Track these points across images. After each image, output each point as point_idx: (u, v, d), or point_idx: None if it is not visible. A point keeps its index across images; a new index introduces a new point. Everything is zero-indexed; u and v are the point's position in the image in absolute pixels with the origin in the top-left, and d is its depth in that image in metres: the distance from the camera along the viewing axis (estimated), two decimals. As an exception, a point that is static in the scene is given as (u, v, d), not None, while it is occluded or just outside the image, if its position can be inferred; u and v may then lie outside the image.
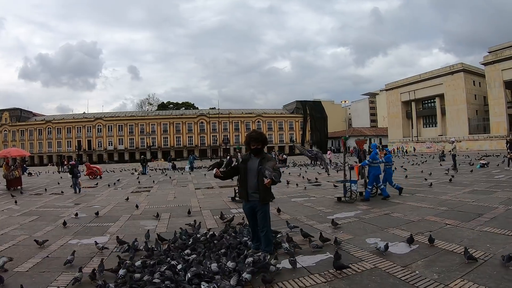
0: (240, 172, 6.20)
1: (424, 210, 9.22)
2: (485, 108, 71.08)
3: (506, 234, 6.49)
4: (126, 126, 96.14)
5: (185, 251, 6.09)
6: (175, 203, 13.02)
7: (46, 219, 10.24)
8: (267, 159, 6.04)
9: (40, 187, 21.74)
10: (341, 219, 8.54)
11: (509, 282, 4.27)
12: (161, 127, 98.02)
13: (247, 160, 6.12)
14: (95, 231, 8.30)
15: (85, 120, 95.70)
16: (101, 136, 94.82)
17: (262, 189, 5.86)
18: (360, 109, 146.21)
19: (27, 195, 17.32)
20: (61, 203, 13.86)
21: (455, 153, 22.71)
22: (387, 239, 6.34)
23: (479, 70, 71.95)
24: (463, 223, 7.53)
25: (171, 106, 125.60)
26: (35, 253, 6.51)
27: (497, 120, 64.47)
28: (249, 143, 6.07)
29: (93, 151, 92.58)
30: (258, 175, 5.85)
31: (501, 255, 4.60)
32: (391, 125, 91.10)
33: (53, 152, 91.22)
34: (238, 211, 10.34)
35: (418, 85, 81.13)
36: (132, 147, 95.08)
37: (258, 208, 5.95)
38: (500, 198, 10.43)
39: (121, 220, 9.78)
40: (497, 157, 32.58)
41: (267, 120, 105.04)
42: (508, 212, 8.40)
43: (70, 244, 7.22)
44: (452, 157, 22.77)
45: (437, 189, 13.49)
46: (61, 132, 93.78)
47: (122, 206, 12.78)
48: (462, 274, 4.66)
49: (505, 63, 62.24)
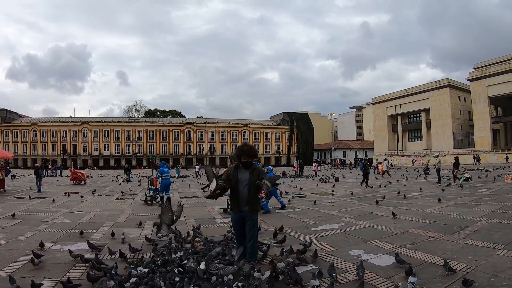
0: (230, 184, 6.09)
1: (408, 222, 9.30)
2: (470, 123, 72.37)
3: (488, 247, 6.59)
4: (112, 131, 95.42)
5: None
6: (159, 211, 12.95)
7: (29, 223, 10.12)
8: (258, 170, 6.19)
9: (23, 191, 21.53)
10: (326, 231, 8.62)
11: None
12: (147, 134, 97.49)
13: (237, 172, 6.10)
14: (78, 238, 8.22)
15: (71, 124, 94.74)
16: (87, 141, 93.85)
17: (253, 200, 5.98)
18: (347, 122, 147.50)
19: (10, 198, 17.20)
20: (45, 207, 13.73)
21: (439, 167, 22.92)
22: (371, 251, 6.43)
23: (465, 86, 73.20)
24: (446, 235, 7.62)
25: (158, 114, 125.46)
26: (17, 257, 6.43)
27: (481, 135, 65.73)
28: (240, 156, 6.08)
29: (78, 155, 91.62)
30: (250, 187, 5.93)
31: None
32: (377, 138, 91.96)
33: (37, 155, 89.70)
34: (223, 221, 10.38)
35: (404, 100, 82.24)
36: (117, 153, 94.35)
37: (247, 218, 6.00)
38: (483, 211, 10.58)
39: (104, 227, 9.69)
40: (480, 171, 32.96)
41: (253, 130, 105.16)
42: (491, 225, 8.54)
43: (53, 249, 7.14)
44: (436, 171, 23.05)
45: (421, 202, 13.65)
46: (47, 135, 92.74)
47: (106, 212, 12.69)
48: (444, 285, 4.73)
49: (490, 79, 63.74)
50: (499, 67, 63.42)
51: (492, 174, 27.73)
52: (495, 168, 38.17)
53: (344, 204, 13.98)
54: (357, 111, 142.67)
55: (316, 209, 12.40)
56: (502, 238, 7.13)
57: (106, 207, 14.32)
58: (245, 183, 5.98)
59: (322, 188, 20.78)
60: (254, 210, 6.08)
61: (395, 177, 29.33)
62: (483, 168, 38.76)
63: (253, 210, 6.07)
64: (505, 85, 61.66)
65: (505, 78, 61.39)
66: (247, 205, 5.97)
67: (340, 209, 12.53)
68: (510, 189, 16.80)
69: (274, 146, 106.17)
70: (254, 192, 5.93)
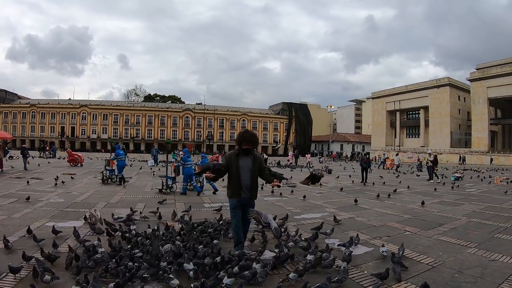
0: (230, 170, 6.08)
1: (389, 216, 9.64)
2: (468, 123, 72.51)
3: (460, 244, 6.87)
4: (111, 115, 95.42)
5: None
6: (151, 194, 13.31)
7: (25, 201, 10.46)
8: (259, 158, 6.28)
9: (21, 171, 21.85)
10: (307, 219, 9.01)
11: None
12: (146, 118, 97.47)
13: (238, 158, 6.09)
14: (71, 216, 8.58)
15: (70, 106, 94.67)
16: (85, 124, 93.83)
17: (255, 187, 6.17)
18: (346, 115, 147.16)
19: (8, 178, 17.48)
20: (41, 188, 14.05)
21: (431, 164, 23.21)
22: (345, 241, 6.60)
23: (465, 86, 73.21)
24: (423, 231, 7.92)
25: (158, 99, 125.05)
26: (12, 232, 6.78)
27: (478, 136, 65.91)
28: (241, 142, 6.08)
29: (76, 138, 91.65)
30: (252, 174, 6.03)
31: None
32: (375, 133, 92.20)
33: (35, 137, 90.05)
34: (210, 206, 10.87)
35: (404, 96, 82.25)
36: (115, 136, 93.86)
37: (248, 205, 6.12)
38: (465, 210, 10.89)
39: (97, 207, 10.00)
40: (474, 171, 33.21)
41: (252, 119, 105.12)
42: (469, 224, 8.82)
43: (47, 226, 7.49)
44: (427, 168, 23.34)
45: (407, 198, 14.00)
46: (45, 117, 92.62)
47: (100, 194, 13.08)
48: (407, 277, 5.02)
49: (491, 80, 63.77)
50: (500, 69, 63.49)
51: (483, 175, 27.99)
52: (488, 169, 38.42)
53: (331, 196, 14.41)
54: (357, 104, 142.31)
55: (302, 199, 12.69)
56: (477, 237, 7.39)
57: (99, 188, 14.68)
58: (247, 170, 6.02)
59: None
60: (255, 197, 6.26)
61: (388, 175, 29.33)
62: (477, 168, 39.00)
63: (254, 197, 6.24)
64: (505, 88, 61.77)
65: (506, 81, 61.52)
66: (249, 191, 6.05)
67: (326, 200, 12.93)
68: (498, 191, 17.01)
69: (272, 135, 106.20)
70: (256, 180, 6.12)
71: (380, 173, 28.22)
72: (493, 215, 10.07)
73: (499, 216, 9.97)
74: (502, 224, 8.75)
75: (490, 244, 6.88)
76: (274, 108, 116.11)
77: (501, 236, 7.56)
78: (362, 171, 21.30)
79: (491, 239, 7.34)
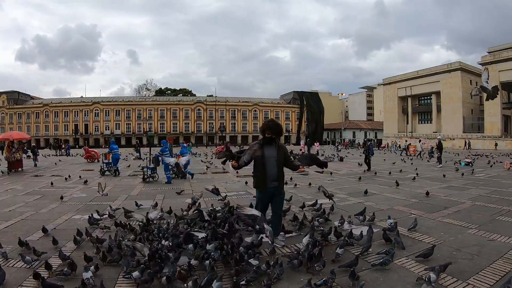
0: (256, 160, 6.07)
1: (396, 201, 10.02)
2: (481, 107, 71.55)
3: (462, 225, 7.21)
4: (123, 111, 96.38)
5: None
6: (169, 187, 13.86)
7: (49, 198, 11.03)
8: (283, 147, 6.31)
9: (39, 169, 22.61)
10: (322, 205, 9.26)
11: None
12: (158, 113, 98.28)
13: (263, 148, 6.08)
14: (96, 209, 9.08)
15: (83, 104, 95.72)
16: (98, 121, 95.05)
17: (282, 175, 6.23)
18: (357, 102, 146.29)
19: (29, 176, 18.13)
20: (62, 184, 14.65)
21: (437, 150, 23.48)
22: (353, 223, 7.21)
23: (477, 70, 72.18)
24: (427, 213, 8.29)
25: (169, 92, 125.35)
26: (41, 226, 7.29)
27: (491, 121, 65.24)
28: (265, 131, 6.07)
29: (90, 135, 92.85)
30: (278, 163, 6.06)
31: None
32: (387, 119, 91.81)
33: (50, 136, 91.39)
34: (227, 195, 11.26)
35: (416, 81, 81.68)
36: (128, 132, 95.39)
37: (277, 193, 6.16)
38: (471, 195, 11.14)
39: (119, 199, 10.68)
40: (486, 156, 33.14)
41: (263, 109, 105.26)
42: (473, 207, 9.11)
43: (74, 219, 8.07)
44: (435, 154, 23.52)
45: (416, 183, 14.33)
46: (59, 115, 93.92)
47: (120, 187, 13.75)
48: (408, 254, 5.47)
49: (503, 64, 62.62)
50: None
51: (494, 161, 27.77)
52: (491, 155, 38.17)
53: (342, 182, 14.92)
54: (368, 91, 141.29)
55: (314, 186, 12.99)
56: (479, 219, 7.69)
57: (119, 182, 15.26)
58: (273, 159, 6.02)
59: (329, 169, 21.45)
60: (282, 185, 6.28)
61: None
62: (490, 154, 38.84)
63: (282, 186, 6.28)
64: (517, 71, 61.08)
65: (517, 64, 60.72)
66: (276, 180, 6.04)
67: (337, 187, 13.40)
68: (507, 176, 17.08)
69: (284, 125, 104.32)
70: (282, 168, 6.17)
71: (393, 159, 28.35)
72: (498, 199, 10.27)
73: (503, 199, 10.17)
74: (505, 207, 8.95)
75: (490, 226, 7.16)
76: (285, 97, 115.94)
77: (503, 218, 7.82)
78: (365, 159, 20.86)
79: (492, 221, 7.61)
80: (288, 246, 6.01)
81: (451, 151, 47.34)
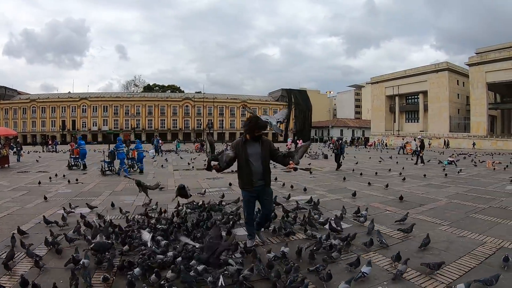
0: (239, 159, 5.83)
1: (374, 198, 10.29)
2: (467, 107, 72.44)
3: (434, 222, 7.50)
4: (111, 107, 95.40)
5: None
6: (153, 182, 14.01)
7: (35, 193, 11.19)
8: (268, 142, 6.07)
9: (26, 166, 22.56)
10: (300, 201, 9.49)
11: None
12: (146, 109, 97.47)
13: (246, 146, 5.84)
14: (80, 204, 9.26)
15: (70, 99, 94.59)
16: (86, 117, 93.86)
17: (267, 173, 5.93)
18: (345, 100, 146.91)
19: (15, 173, 18.21)
20: (47, 180, 14.68)
21: (418, 149, 23.91)
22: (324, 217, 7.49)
23: (464, 70, 73.00)
24: (403, 210, 8.50)
25: (157, 89, 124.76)
26: (28, 220, 7.49)
27: (477, 120, 65.90)
28: (255, 129, 5.83)
29: (77, 131, 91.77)
30: (263, 160, 5.83)
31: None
32: (374, 118, 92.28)
33: (37, 132, 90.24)
34: (209, 191, 11.70)
35: (403, 81, 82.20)
36: (116, 128, 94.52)
37: (263, 192, 5.94)
38: (449, 192, 11.43)
39: (103, 195, 10.88)
40: (470, 156, 33.53)
41: (252, 106, 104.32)
42: (449, 205, 9.39)
43: (58, 213, 8.19)
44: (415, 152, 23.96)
45: (396, 180, 14.66)
46: (46, 111, 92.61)
47: (104, 183, 13.88)
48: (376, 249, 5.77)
49: (490, 65, 63.42)
50: (499, 54, 63.00)
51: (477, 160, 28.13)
52: (484, 154, 38.69)
53: (323, 179, 15.19)
54: (357, 89, 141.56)
55: (296, 182, 13.22)
56: (452, 217, 7.98)
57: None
58: (257, 157, 5.78)
59: (310, 165, 21.57)
60: (269, 183, 6.03)
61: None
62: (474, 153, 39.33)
63: (268, 184, 6.01)
64: (504, 72, 61.36)
65: (504, 65, 61.07)
66: (261, 179, 5.82)
67: (318, 183, 13.73)
68: (487, 175, 17.36)
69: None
70: (268, 165, 5.93)
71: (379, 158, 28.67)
72: (475, 197, 10.53)
73: (480, 198, 10.43)
74: (480, 205, 9.23)
75: (463, 223, 7.43)
76: (273, 94, 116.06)
77: (476, 216, 8.07)
78: (336, 157, 20.45)
79: (465, 218, 7.89)
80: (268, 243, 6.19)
81: (437, 150, 47.89)
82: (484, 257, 5.41)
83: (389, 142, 72.28)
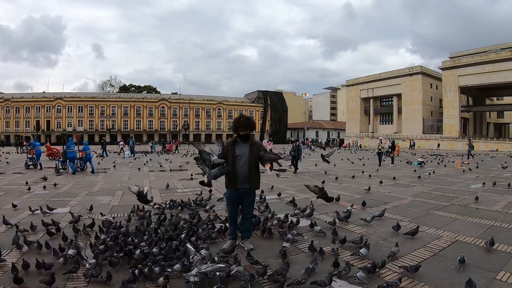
0: (226, 159, 5.73)
1: (342, 197, 10.53)
2: (440, 110, 74.67)
3: (395, 218, 7.87)
4: (86, 107, 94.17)
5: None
6: (129, 183, 14.24)
7: (12, 194, 11.28)
8: (258, 144, 5.94)
9: (1, 167, 22.33)
10: (268, 199, 9.81)
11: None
12: (121, 110, 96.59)
13: (234, 146, 5.82)
14: (57, 204, 9.43)
15: (45, 99, 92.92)
16: (61, 117, 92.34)
17: (254, 176, 5.82)
18: (321, 103, 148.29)
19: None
20: (24, 181, 14.61)
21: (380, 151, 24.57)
22: (294, 216, 7.87)
23: (437, 74, 75.06)
24: (367, 208, 9.00)
25: (133, 89, 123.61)
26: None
27: (450, 122, 68.01)
28: (238, 128, 5.78)
29: (51, 132, 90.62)
30: (250, 162, 5.72)
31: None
32: (349, 120, 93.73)
33: (10, 132, 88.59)
34: (183, 191, 12.04)
35: (378, 83, 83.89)
36: (91, 129, 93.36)
37: (246, 195, 5.87)
38: (414, 191, 11.98)
39: (80, 196, 11.05)
40: (441, 156, 34.33)
41: (228, 108, 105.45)
42: (412, 203, 9.91)
43: (36, 214, 8.34)
44: (378, 154, 24.70)
45: (365, 180, 15.23)
46: (20, 111, 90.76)
47: (81, 184, 14.03)
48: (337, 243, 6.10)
49: (462, 69, 65.85)
50: (471, 59, 65.25)
51: (447, 160, 29.13)
52: (455, 155, 39.53)
53: (295, 180, 15.56)
54: (332, 92, 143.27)
55: (268, 183, 13.36)
56: (414, 213, 8.47)
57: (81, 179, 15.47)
58: (244, 158, 5.71)
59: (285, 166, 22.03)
60: (255, 186, 5.92)
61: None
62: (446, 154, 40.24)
63: (255, 187, 5.92)
64: (475, 76, 63.75)
65: (476, 70, 63.40)
66: (247, 181, 5.74)
67: (289, 183, 14.14)
68: (454, 174, 18.06)
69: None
70: (255, 168, 5.79)
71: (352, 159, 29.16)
72: (438, 195, 11.06)
73: (443, 196, 10.95)
74: (443, 203, 9.74)
75: (423, 219, 7.89)
76: (249, 96, 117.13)
77: (437, 213, 8.56)
78: (292, 160, 19.18)
79: (426, 215, 8.36)
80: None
81: (409, 152, 49.05)
82: (438, 250, 5.82)
83: (363, 143, 73.38)
